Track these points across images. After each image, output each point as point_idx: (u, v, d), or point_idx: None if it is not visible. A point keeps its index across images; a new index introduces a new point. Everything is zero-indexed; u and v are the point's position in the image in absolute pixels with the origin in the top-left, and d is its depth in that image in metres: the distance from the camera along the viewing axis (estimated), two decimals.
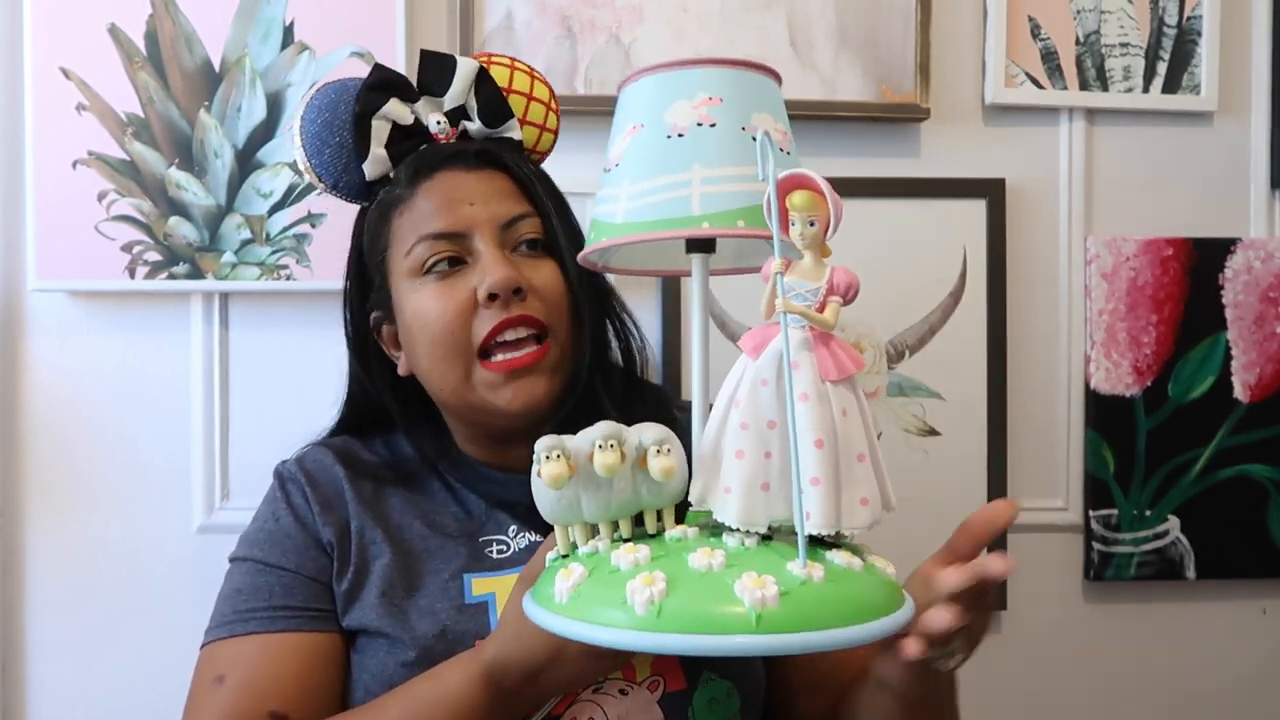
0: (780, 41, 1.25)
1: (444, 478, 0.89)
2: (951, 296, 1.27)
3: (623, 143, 0.66)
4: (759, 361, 0.59)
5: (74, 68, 1.17)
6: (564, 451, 0.58)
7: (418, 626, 0.80)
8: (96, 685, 1.22)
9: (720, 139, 0.63)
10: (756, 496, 0.59)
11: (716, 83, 0.64)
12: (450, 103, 0.87)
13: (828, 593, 0.55)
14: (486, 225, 0.82)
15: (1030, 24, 1.28)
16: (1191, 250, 1.30)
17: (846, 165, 1.26)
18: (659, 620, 0.53)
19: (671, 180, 0.62)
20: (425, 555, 0.84)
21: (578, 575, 0.58)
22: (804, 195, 0.58)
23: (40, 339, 1.21)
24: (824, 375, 0.58)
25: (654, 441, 0.59)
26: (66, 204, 1.16)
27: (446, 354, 0.81)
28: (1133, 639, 1.33)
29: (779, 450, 0.59)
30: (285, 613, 0.82)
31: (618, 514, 0.61)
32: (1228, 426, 1.30)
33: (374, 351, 0.91)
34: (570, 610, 0.57)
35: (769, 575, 0.54)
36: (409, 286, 0.83)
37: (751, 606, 0.52)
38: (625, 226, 0.64)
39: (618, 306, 0.92)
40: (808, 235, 0.58)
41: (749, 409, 0.59)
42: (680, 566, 0.56)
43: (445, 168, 0.84)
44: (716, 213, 0.61)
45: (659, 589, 0.54)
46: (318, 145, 0.86)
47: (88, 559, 1.22)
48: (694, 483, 0.62)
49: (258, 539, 0.87)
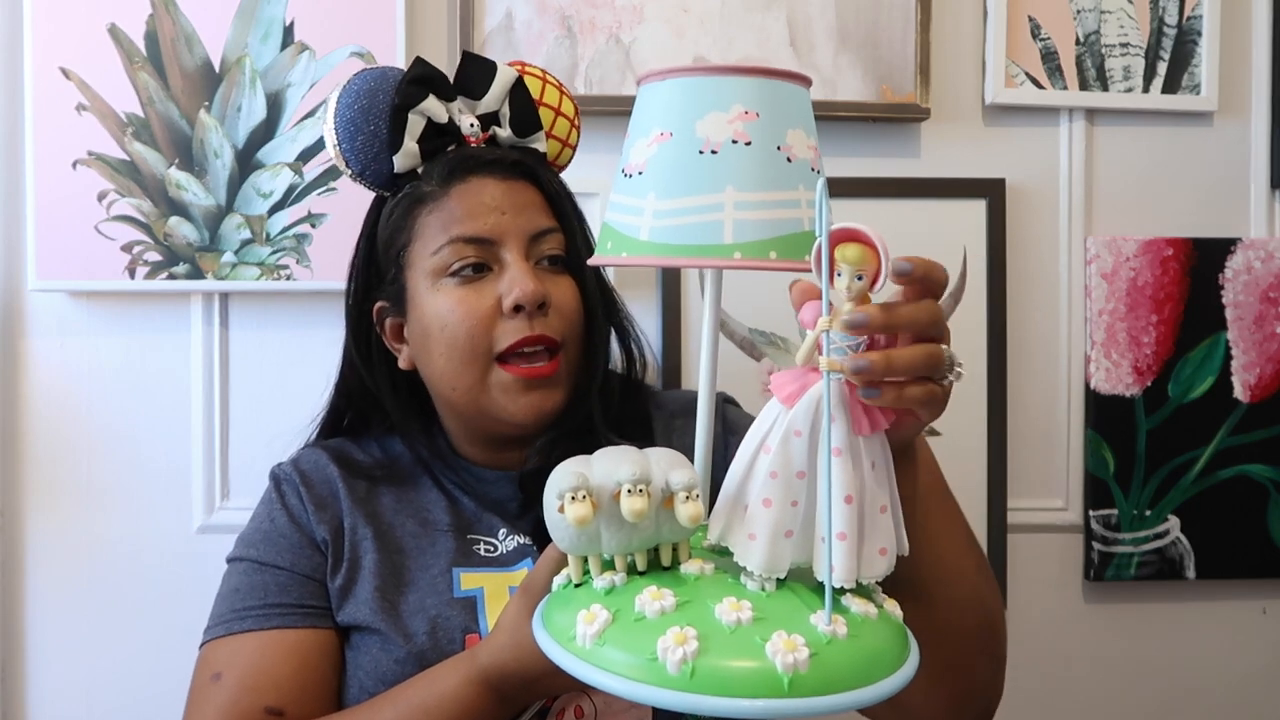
0: (780, 41, 1.24)
1: (436, 477, 0.90)
2: (951, 296, 1.27)
3: (648, 149, 0.63)
4: (793, 412, 0.58)
5: (74, 68, 1.17)
6: (589, 492, 0.58)
7: (409, 623, 0.81)
8: (96, 685, 1.22)
9: (755, 159, 0.60)
10: (781, 544, 0.59)
11: (753, 95, 0.61)
12: (485, 107, 0.88)
13: (852, 652, 0.55)
14: (516, 236, 0.83)
15: (1030, 24, 1.28)
16: (1191, 250, 1.30)
17: (846, 165, 1.26)
18: (692, 681, 0.53)
19: (703, 202, 0.60)
20: (416, 552, 0.86)
21: (602, 621, 0.57)
22: (857, 249, 0.56)
23: (40, 339, 1.21)
24: (857, 430, 0.58)
25: (683, 487, 0.58)
26: (66, 204, 1.16)
27: (465, 357, 0.82)
28: (1133, 639, 1.33)
29: (805, 500, 0.59)
30: (281, 610, 0.83)
31: (637, 549, 0.61)
32: (1228, 426, 1.30)
33: (375, 342, 0.91)
34: (595, 659, 0.56)
35: (798, 635, 0.54)
36: (429, 285, 0.84)
37: (784, 672, 0.53)
38: (650, 246, 0.61)
39: (626, 318, 0.94)
40: (854, 289, 0.56)
41: (779, 458, 0.58)
42: (708, 619, 0.56)
43: (481, 173, 0.84)
44: (749, 242, 0.59)
45: (691, 649, 0.54)
46: (351, 131, 0.85)
47: (88, 559, 1.22)
48: (714, 520, 0.61)
49: (253, 539, 0.88)
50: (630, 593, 0.59)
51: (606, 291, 0.91)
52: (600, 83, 1.22)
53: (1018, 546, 1.30)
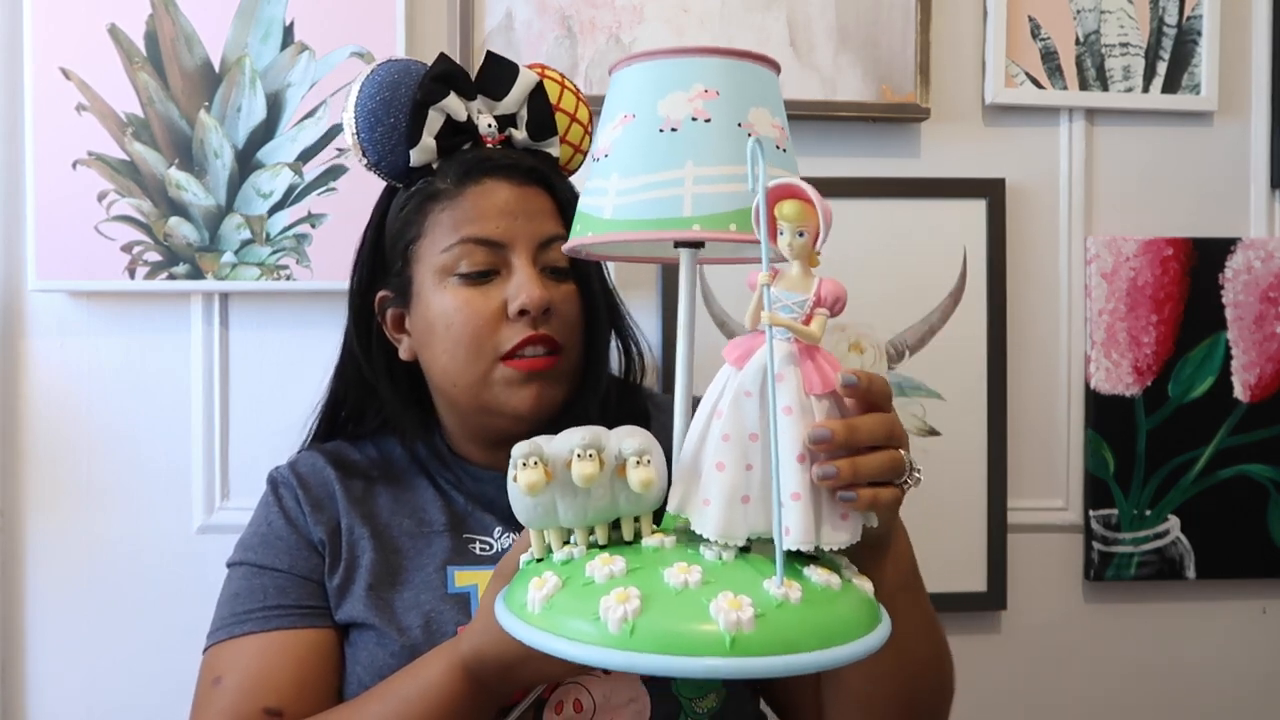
0: (780, 41, 1.25)
1: (432, 476, 0.91)
2: (951, 296, 1.27)
3: (613, 132, 0.64)
4: (743, 373, 0.59)
5: (74, 68, 1.17)
6: (541, 458, 0.58)
7: (403, 618, 0.82)
8: (96, 685, 1.22)
9: (715, 135, 0.61)
10: (736, 509, 0.58)
11: (714, 74, 0.62)
12: (504, 109, 0.88)
13: (803, 615, 0.54)
14: (525, 241, 0.84)
15: (1030, 24, 1.28)
16: (1191, 250, 1.30)
17: (846, 165, 1.26)
18: (631, 639, 0.53)
19: (663, 178, 0.61)
20: (411, 551, 0.87)
21: (551, 585, 0.57)
22: (794, 205, 0.57)
23: (40, 339, 1.21)
24: (808, 389, 0.58)
25: (634, 452, 0.58)
26: (66, 204, 1.16)
27: (470, 356, 0.83)
28: (1133, 639, 1.33)
29: (760, 463, 0.58)
30: (279, 612, 0.84)
31: (594, 521, 0.61)
32: (1228, 426, 1.30)
33: (375, 332, 0.92)
34: (542, 621, 0.56)
35: (745, 596, 0.53)
36: (436, 282, 0.85)
37: (726, 629, 0.52)
38: (613, 224, 0.62)
39: (628, 322, 0.96)
40: (796, 246, 0.58)
41: (731, 421, 0.58)
42: (655, 582, 0.55)
43: (496, 176, 0.85)
44: (708, 215, 0.60)
45: (633, 606, 0.53)
46: (371, 121, 0.85)
47: (88, 559, 1.22)
48: (673, 490, 0.61)
49: (251, 543, 0.89)
50: (584, 562, 0.59)
51: (609, 297, 0.92)
52: (600, 83, 1.22)
53: (1018, 546, 1.30)
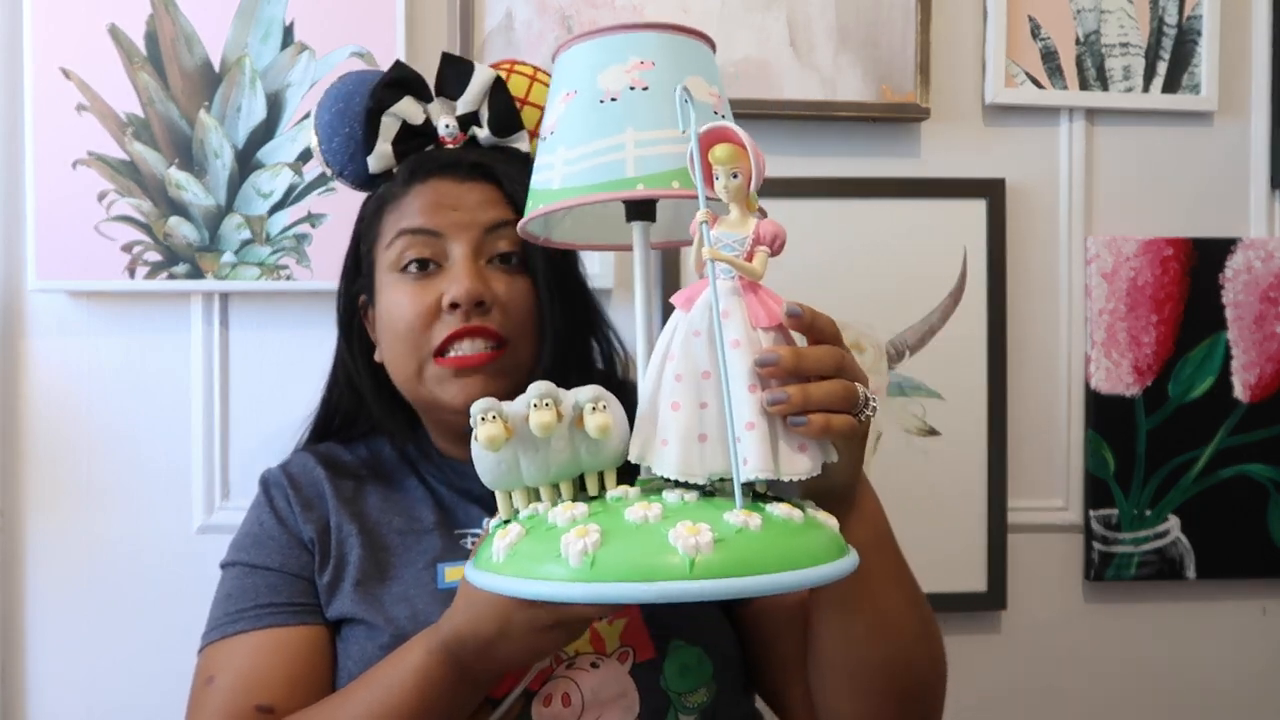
0: (780, 41, 1.24)
1: (420, 475, 0.93)
2: (951, 296, 1.27)
3: (557, 110, 0.66)
4: (691, 314, 0.60)
5: (74, 68, 1.17)
6: (499, 413, 0.58)
7: (392, 611, 0.83)
8: (96, 685, 1.22)
9: (653, 102, 0.63)
10: (693, 447, 0.58)
11: (648, 47, 0.65)
12: (464, 107, 0.89)
13: (765, 539, 0.55)
14: (464, 231, 0.85)
15: (1030, 24, 1.28)
16: (1191, 250, 1.30)
17: (846, 165, 1.26)
18: (593, 571, 0.53)
19: (605, 144, 0.63)
20: (401, 548, 0.88)
21: (514, 534, 0.58)
22: (726, 148, 0.59)
23: (40, 339, 1.21)
24: (754, 322, 0.59)
25: (589, 399, 0.59)
26: (66, 204, 1.16)
27: (406, 350, 0.85)
28: (1133, 639, 1.33)
29: (715, 400, 0.59)
30: (272, 610, 0.86)
31: (558, 477, 0.61)
32: (1228, 426, 1.30)
33: (359, 333, 0.95)
34: (506, 568, 0.57)
35: (704, 523, 0.54)
36: (388, 280, 0.87)
37: (685, 553, 0.52)
38: (562, 192, 0.64)
39: (601, 318, 0.95)
40: (731, 188, 0.59)
41: (683, 361, 0.59)
42: (617, 520, 0.56)
43: (439, 174, 0.87)
44: (651, 174, 0.62)
45: (593, 540, 0.54)
46: (329, 133, 0.89)
47: (88, 559, 1.22)
48: (634, 439, 0.61)
49: (244, 544, 0.91)
50: (547, 513, 0.59)
51: (575, 291, 0.91)
52: None
53: (1018, 546, 1.30)
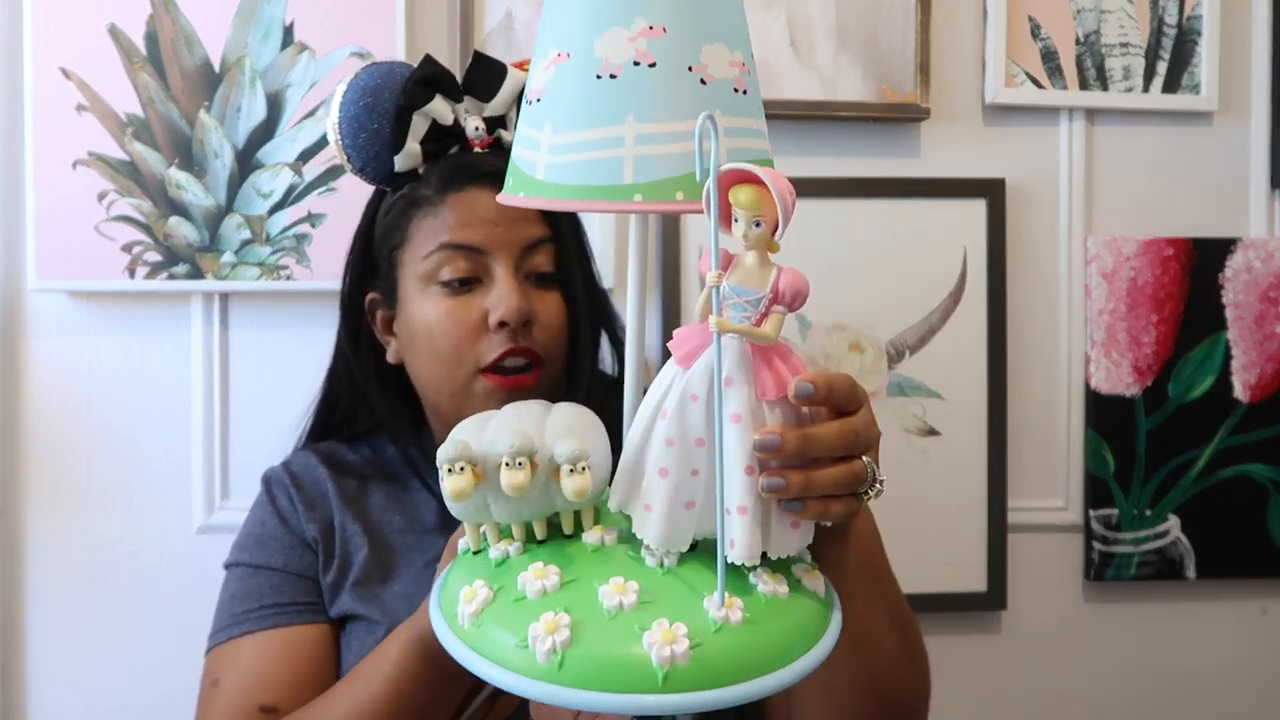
0: (780, 41, 1.24)
1: (423, 477, 0.92)
2: (951, 296, 1.27)
3: (545, 72, 0.56)
4: (689, 374, 0.53)
5: (74, 68, 1.17)
6: (469, 462, 0.54)
7: (393, 609, 0.84)
8: (96, 685, 1.22)
9: (661, 83, 0.53)
10: (679, 516, 0.54)
11: (660, 4, 0.53)
12: (493, 110, 0.87)
13: (743, 641, 0.51)
14: (506, 249, 0.83)
15: (1030, 24, 1.28)
16: (1191, 250, 1.30)
17: (846, 165, 1.26)
18: (560, 673, 0.49)
19: (600, 135, 0.53)
20: (403, 548, 0.88)
21: (481, 600, 0.54)
22: (749, 192, 0.50)
23: (40, 339, 1.21)
24: (760, 394, 0.53)
25: (568, 459, 0.54)
26: (66, 204, 1.16)
27: (451, 365, 0.83)
28: (1133, 639, 1.33)
29: (706, 469, 0.54)
30: (276, 610, 0.86)
31: (530, 518, 0.58)
32: (1228, 426, 1.30)
33: (365, 331, 0.93)
34: (471, 639, 0.53)
35: (681, 624, 0.50)
36: (419, 289, 0.85)
37: (659, 665, 0.49)
38: (546, 187, 0.55)
39: (616, 321, 0.94)
40: (752, 236, 0.51)
41: (675, 424, 0.53)
42: (589, 602, 0.52)
43: (479, 183, 0.84)
44: (651, 182, 0.52)
45: (562, 638, 0.50)
46: (354, 127, 0.85)
47: (88, 559, 1.22)
48: (615, 486, 0.57)
49: (246, 544, 0.91)
50: (518, 567, 0.55)
51: (597, 301, 0.91)
52: None
53: (1018, 546, 1.30)
